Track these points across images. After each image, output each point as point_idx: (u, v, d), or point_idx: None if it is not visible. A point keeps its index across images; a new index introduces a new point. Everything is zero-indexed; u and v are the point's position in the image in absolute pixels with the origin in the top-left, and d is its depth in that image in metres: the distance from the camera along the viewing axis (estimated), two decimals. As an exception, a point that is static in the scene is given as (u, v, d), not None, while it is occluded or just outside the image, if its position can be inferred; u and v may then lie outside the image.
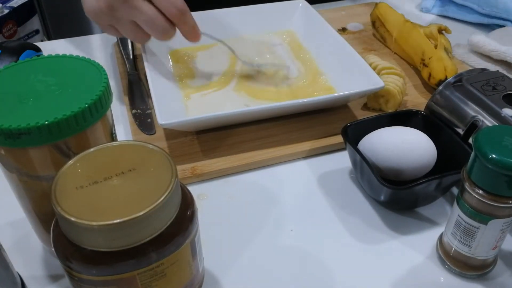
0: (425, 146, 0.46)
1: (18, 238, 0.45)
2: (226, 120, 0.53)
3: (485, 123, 0.47)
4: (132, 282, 0.31)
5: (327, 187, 0.50)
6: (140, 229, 0.29)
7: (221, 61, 0.66)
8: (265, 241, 0.44)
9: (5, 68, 0.36)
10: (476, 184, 0.36)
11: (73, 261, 0.30)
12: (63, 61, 0.37)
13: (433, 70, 0.62)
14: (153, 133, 0.55)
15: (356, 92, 0.54)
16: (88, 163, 0.32)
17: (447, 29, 0.67)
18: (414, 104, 0.61)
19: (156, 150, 0.33)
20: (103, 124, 0.35)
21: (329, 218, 0.47)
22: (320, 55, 0.66)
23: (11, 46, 0.63)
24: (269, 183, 0.50)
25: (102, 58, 0.71)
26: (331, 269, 0.42)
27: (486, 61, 0.68)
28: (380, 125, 0.48)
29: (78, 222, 0.28)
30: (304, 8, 0.71)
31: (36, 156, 0.33)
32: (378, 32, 0.74)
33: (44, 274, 0.42)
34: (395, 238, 0.45)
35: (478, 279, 0.41)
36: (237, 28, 0.70)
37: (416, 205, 0.47)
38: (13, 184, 0.36)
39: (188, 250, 0.33)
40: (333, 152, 0.54)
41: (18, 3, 1.21)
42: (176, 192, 0.31)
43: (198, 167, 0.51)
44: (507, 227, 0.38)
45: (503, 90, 0.49)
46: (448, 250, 0.41)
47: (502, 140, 0.34)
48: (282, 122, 0.57)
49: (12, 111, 0.32)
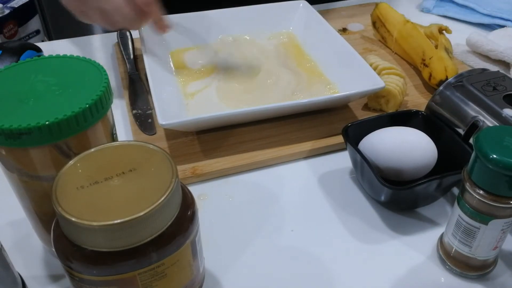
0: (426, 146, 0.46)
1: (18, 238, 0.45)
2: (227, 120, 0.53)
3: (486, 124, 0.47)
4: (132, 282, 0.31)
5: (327, 187, 0.50)
6: (140, 229, 0.29)
7: (222, 61, 0.66)
8: (265, 241, 0.44)
9: (5, 68, 0.36)
10: (477, 184, 0.36)
11: (73, 261, 0.30)
12: (64, 62, 0.37)
13: (434, 70, 0.62)
14: (153, 133, 0.55)
15: (356, 92, 0.54)
16: (89, 163, 0.32)
17: (447, 29, 0.67)
18: (414, 104, 0.61)
19: (156, 150, 0.33)
20: (103, 124, 0.35)
21: (330, 218, 0.47)
22: (321, 55, 0.65)
23: (12, 47, 0.63)
24: (269, 183, 0.50)
25: (103, 58, 0.71)
26: (331, 269, 0.42)
27: (485, 61, 0.68)
28: (380, 125, 0.48)
29: (78, 222, 0.28)
30: (305, 8, 0.71)
31: (37, 156, 0.33)
32: (378, 32, 0.74)
33: (44, 274, 0.42)
34: (396, 238, 0.45)
35: (479, 280, 0.41)
36: (237, 28, 0.70)
37: (416, 205, 0.47)
38: (14, 184, 0.36)
39: (188, 250, 0.33)
40: (333, 152, 0.54)
41: (19, 3, 1.21)
42: (176, 192, 0.31)
43: (198, 167, 0.51)
44: (508, 227, 0.38)
45: (503, 90, 0.49)
46: (449, 250, 0.41)
47: (503, 141, 0.34)
48: (282, 122, 0.57)
49: (13, 111, 0.32)
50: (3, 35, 1.17)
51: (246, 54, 0.67)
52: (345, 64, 0.60)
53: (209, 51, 0.67)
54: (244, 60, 0.66)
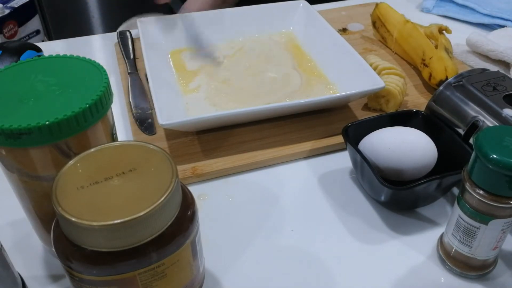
0: (426, 146, 0.46)
1: (18, 238, 0.45)
2: (227, 120, 0.53)
3: (486, 124, 0.47)
4: (132, 282, 0.31)
5: (327, 187, 0.50)
6: (140, 229, 0.29)
7: (222, 61, 0.66)
8: (265, 241, 0.44)
9: (6, 68, 0.36)
10: (477, 184, 0.36)
11: (73, 261, 0.30)
12: (64, 61, 0.37)
13: (434, 70, 0.62)
14: (153, 133, 0.55)
15: (356, 92, 0.54)
16: (89, 163, 0.32)
17: (447, 29, 0.67)
18: (414, 104, 0.61)
19: (156, 150, 0.33)
20: (103, 124, 0.35)
21: (330, 218, 0.47)
22: (321, 55, 0.65)
23: (12, 46, 0.63)
24: (269, 183, 0.50)
25: (103, 58, 0.71)
26: (331, 269, 0.42)
27: (485, 61, 0.68)
28: (380, 125, 0.48)
29: (78, 222, 0.28)
30: (305, 8, 0.71)
31: (37, 156, 0.33)
32: (378, 32, 0.74)
33: (44, 274, 0.42)
34: (396, 238, 0.45)
35: (479, 280, 0.41)
36: (238, 28, 0.70)
37: (416, 205, 0.47)
38: (14, 184, 0.36)
39: (188, 250, 0.33)
40: (333, 152, 0.54)
41: (19, 3, 1.21)
42: (176, 192, 0.31)
43: (198, 167, 0.51)
44: (508, 227, 0.38)
45: (503, 90, 0.49)
46: (449, 250, 0.41)
47: (503, 141, 0.34)
48: (282, 122, 0.57)
49: (13, 111, 0.32)
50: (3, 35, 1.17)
51: (246, 54, 0.67)
52: (345, 64, 0.60)
53: (209, 51, 0.67)
54: (244, 60, 0.65)
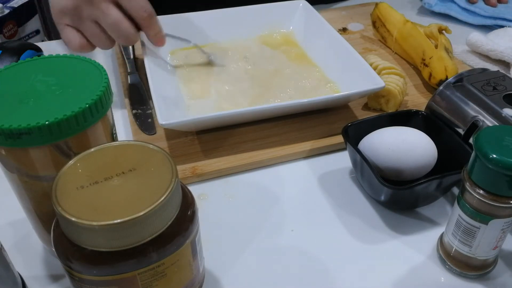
0: (426, 146, 0.46)
1: (18, 238, 0.45)
2: (227, 120, 0.53)
3: (486, 123, 0.47)
4: (132, 282, 0.31)
5: (327, 187, 0.50)
6: (140, 229, 0.29)
7: (222, 61, 0.66)
8: (265, 241, 0.44)
9: (5, 68, 0.36)
10: (477, 184, 0.36)
11: (73, 261, 0.30)
12: (64, 61, 0.37)
13: (434, 70, 0.62)
14: (153, 133, 0.55)
15: (356, 92, 0.54)
16: (89, 163, 0.32)
17: (447, 29, 0.67)
18: (414, 104, 0.61)
19: (156, 150, 0.33)
20: (103, 124, 0.35)
21: (330, 218, 0.47)
22: (321, 55, 0.65)
23: (12, 46, 0.63)
24: (269, 183, 0.50)
25: (103, 58, 0.71)
26: (331, 269, 0.42)
27: (485, 61, 0.68)
28: (380, 125, 0.48)
29: (78, 222, 0.28)
30: (305, 8, 0.71)
31: (37, 156, 0.33)
32: (378, 32, 0.74)
33: (44, 274, 0.42)
34: (396, 238, 0.45)
35: (479, 279, 0.41)
36: (238, 28, 0.70)
37: (416, 205, 0.47)
38: (14, 184, 0.36)
39: (188, 250, 0.33)
40: (333, 152, 0.54)
41: (19, 3, 1.21)
42: (176, 192, 0.31)
43: (198, 167, 0.51)
44: (508, 227, 0.38)
45: (503, 90, 0.49)
46: (449, 250, 0.41)
47: (502, 140, 0.34)
48: (282, 122, 0.57)
49: (13, 111, 0.32)
50: (3, 35, 1.16)
51: (246, 54, 0.67)
52: (345, 64, 0.60)
53: (209, 51, 0.67)
54: (243, 60, 0.65)
